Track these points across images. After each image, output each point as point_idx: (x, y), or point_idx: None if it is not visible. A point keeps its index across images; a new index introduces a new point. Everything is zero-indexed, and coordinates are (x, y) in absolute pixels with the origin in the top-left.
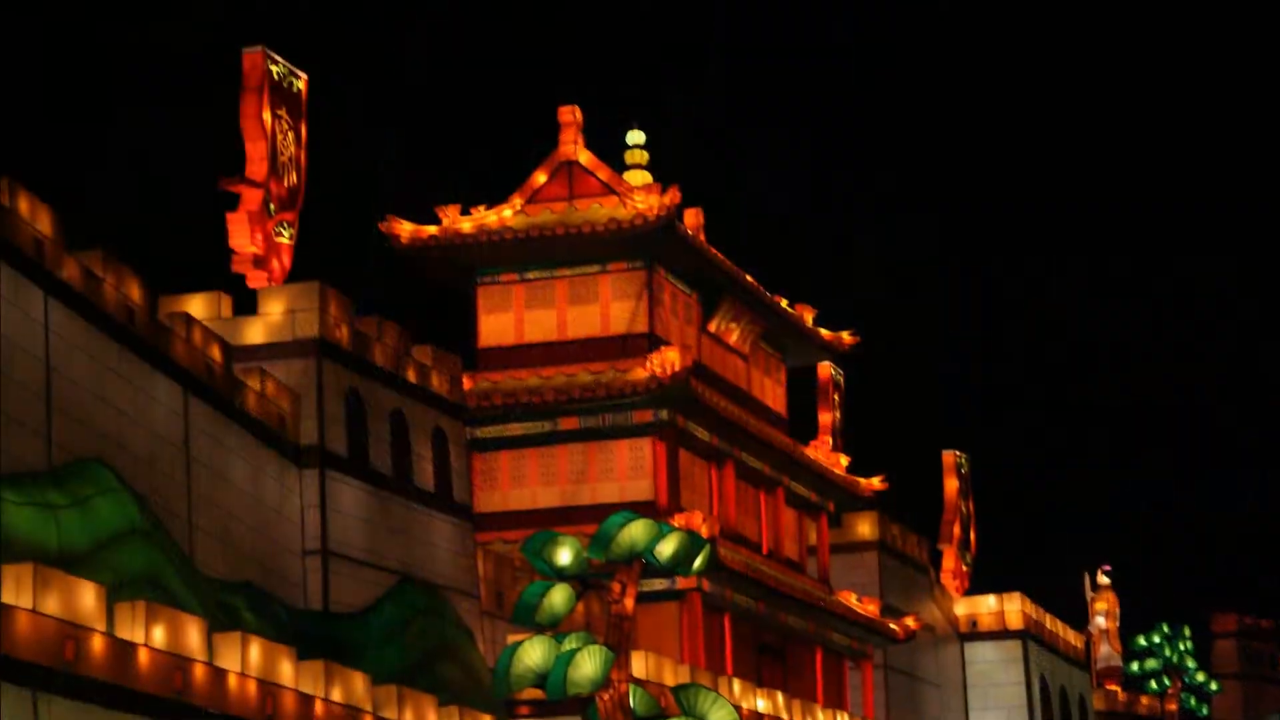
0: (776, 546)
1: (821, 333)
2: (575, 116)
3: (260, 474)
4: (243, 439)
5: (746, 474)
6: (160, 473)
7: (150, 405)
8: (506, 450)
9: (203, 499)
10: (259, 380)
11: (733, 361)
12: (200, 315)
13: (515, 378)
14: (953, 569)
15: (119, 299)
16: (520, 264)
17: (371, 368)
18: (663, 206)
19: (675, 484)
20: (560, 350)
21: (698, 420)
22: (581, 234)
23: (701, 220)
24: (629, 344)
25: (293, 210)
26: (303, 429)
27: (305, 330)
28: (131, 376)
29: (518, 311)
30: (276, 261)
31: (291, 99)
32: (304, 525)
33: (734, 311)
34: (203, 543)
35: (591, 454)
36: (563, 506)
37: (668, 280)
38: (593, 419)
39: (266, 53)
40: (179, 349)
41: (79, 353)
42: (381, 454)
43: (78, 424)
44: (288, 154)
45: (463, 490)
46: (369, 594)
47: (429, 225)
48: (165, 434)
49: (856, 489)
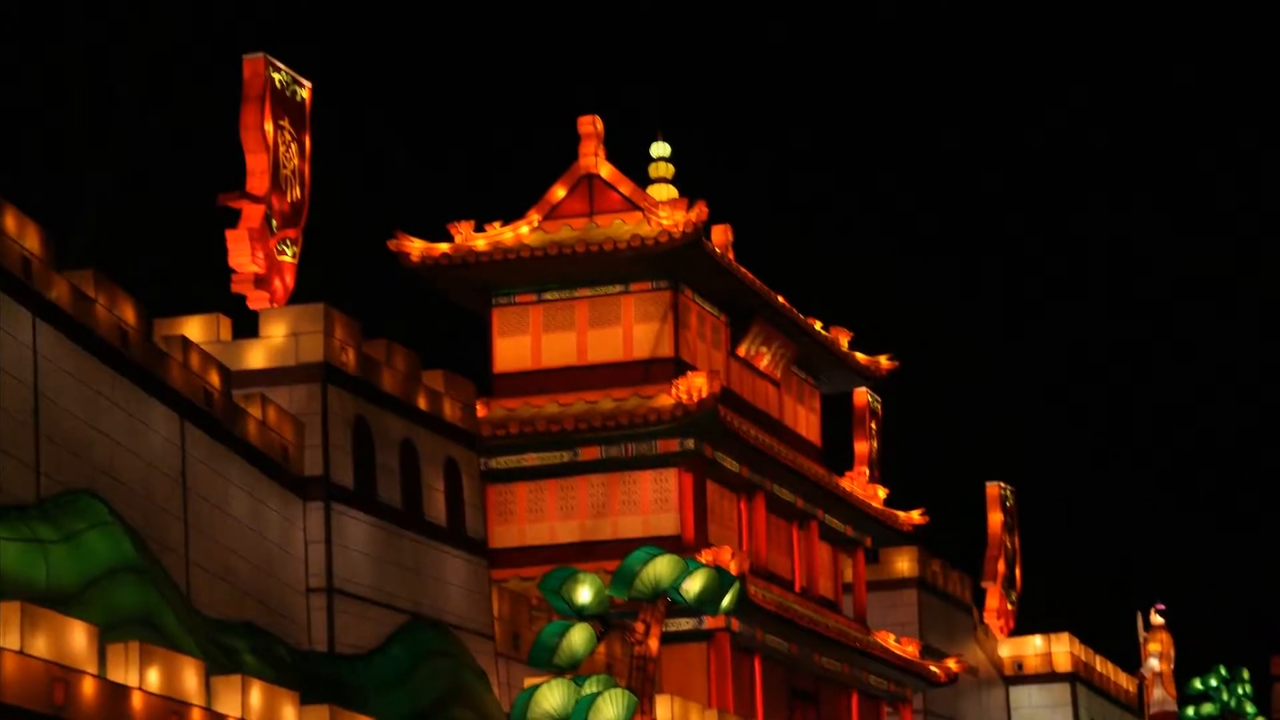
0: (810, 584)
1: (858, 357)
2: (596, 127)
3: (262, 507)
4: (243, 470)
5: (778, 507)
6: (155, 505)
7: (145, 434)
8: (523, 482)
9: (201, 533)
10: (260, 407)
11: (763, 387)
12: (198, 338)
13: (532, 405)
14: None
15: (112, 321)
16: (538, 284)
17: (380, 394)
18: (689, 223)
19: (702, 517)
20: (580, 375)
21: (726, 450)
22: (603, 252)
23: (730, 237)
24: (653, 369)
25: (296, 227)
26: (307, 459)
27: (309, 354)
28: (125, 403)
29: (535, 334)
30: (279, 281)
31: (295, 109)
32: (308, 561)
33: (765, 334)
34: (200, 580)
35: (613, 486)
36: (583, 541)
37: (694, 301)
38: (615, 449)
39: (268, 59)
40: (175, 374)
41: (69, 378)
42: (390, 486)
43: (68, 454)
44: (291, 167)
45: (476, 524)
46: (377, 634)
47: (441, 243)
48: (161, 464)
49: (895, 523)
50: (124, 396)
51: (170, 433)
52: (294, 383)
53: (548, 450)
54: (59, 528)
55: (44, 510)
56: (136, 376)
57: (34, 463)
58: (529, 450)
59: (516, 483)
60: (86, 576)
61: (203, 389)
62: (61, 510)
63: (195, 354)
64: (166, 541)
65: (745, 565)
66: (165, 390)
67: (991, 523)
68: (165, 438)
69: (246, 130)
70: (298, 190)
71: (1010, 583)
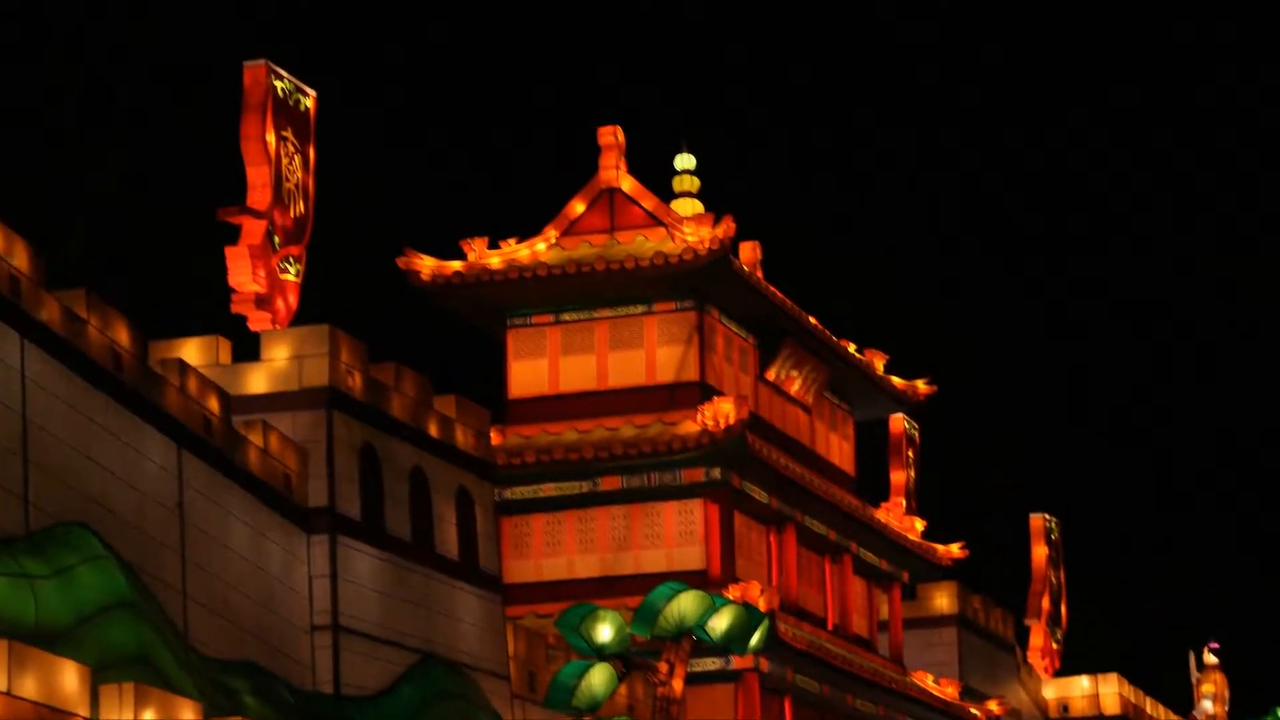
0: (843, 621)
1: (894, 381)
2: (617, 138)
3: (263, 539)
4: (243, 500)
5: (810, 540)
6: (151, 538)
7: (140, 463)
8: (540, 513)
9: (199, 568)
10: (262, 434)
11: (794, 414)
12: (196, 362)
13: (550, 432)
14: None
15: (105, 343)
16: (555, 304)
17: (388, 421)
18: (715, 239)
19: (729, 551)
20: (600, 401)
21: (755, 480)
22: (624, 270)
23: (759, 255)
24: (677, 394)
25: (300, 243)
26: (311, 489)
27: (314, 378)
28: (119, 430)
29: (553, 357)
30: (281, 301)
31: (298, 118)
32: (312, 597)
33: (796, 358)
34: (198, 617)
35: (635, 518)
36: (603, 576)
37: (721, 322)
38: (637, 478)
39: (270, 67)
40: (172, 399)
41: (59, 403)
42: (399, 517)
43: (58, 483)
44: (294, 180)
45: (490, 558)
46: (385, 674)
47: (453, 261)
48: (156, 495)
49: (933, 557)
50: (117, 423)
51: (166, 461)
52: (297, 408)
53: (566, 480)
54: (49, 562)
55: (33, 543)
56: (131, 402)
57: (22, 493)
58: (546, 480)
59: (533, 514)
60: (78, 613)
61: (201, 415)
62: (51, 543)
63: (193, 378)
64: (162, 576)
65: (775, 602)
66: (161, 416)
67: (1035, 557)
68: (161, 467)
69: (247, 141)
70: (301, 205)
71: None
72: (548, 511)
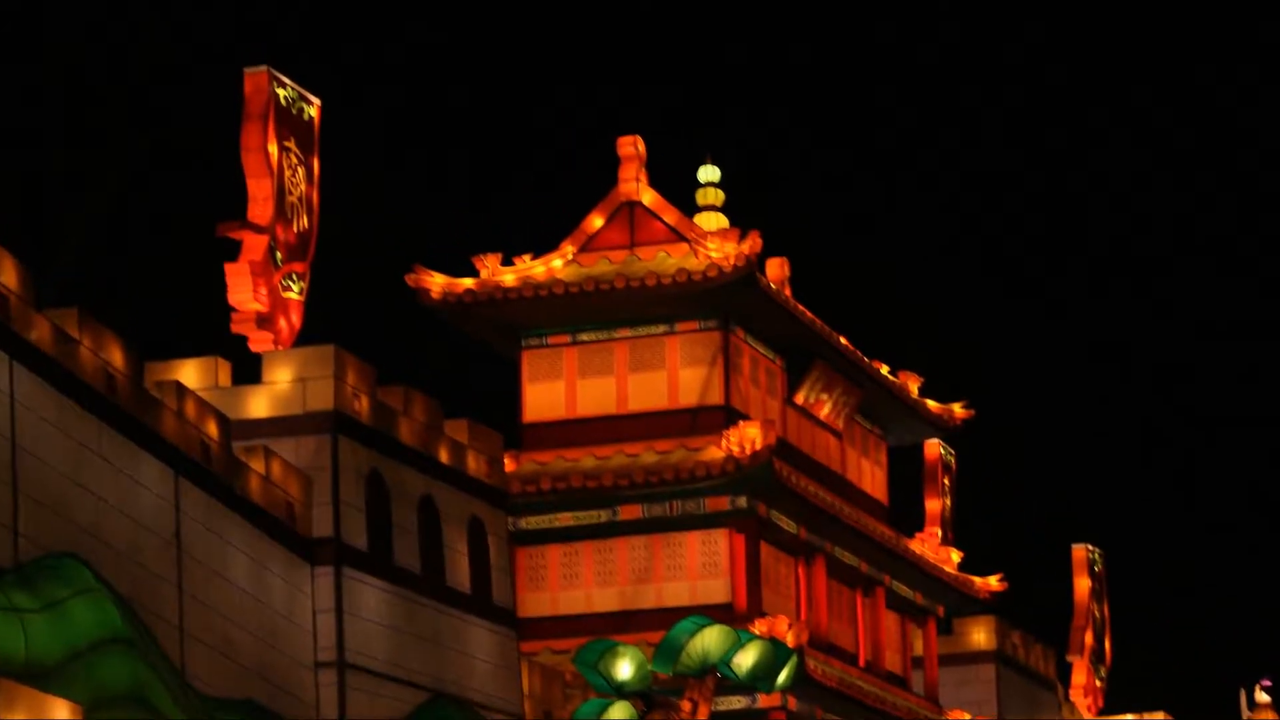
0: (876, 657)
1: (929, 405)
2: (638, 149)
3: (265, 572)
4: (244, 530)
5: (840, 572)
6: (146, 570)
7: (134, 490)
8: (556, 544)
9: (197, 601)
10: (263, 461)
11: (824, 439)
12: (194, 384)
13: (566, 458)
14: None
15: (98, 365)
16: (573, 324)
17: (397, 446)
18: (741, 255)
19: (756, 584)
20: (620, 426)
21: (783, 508)
22: (645, 288)
23: (787, 272)
24: (701, 418)
25: (303, 260)
26: (315, 519)
27: (318, 402)
28: (112, 456)
29: (569, 380)
30: (284, 320)
31: (302, 128)
32: (316, 632)
33: (826, 380)
34: (197, 653)
35: (657, 548)
36: (622, 610)
37: (747, 343)
38: (658, 507)
39: (272, 74)
40: (169, 424)
41: (50, 428)
42: (408, 548)
43: (48, 513)
44: (297, 193)
45: (504, 591)
46: (393, 713)
47: (465, 278)
48: (152, 525)
49: (970, 590)
50: (111, 449)
51: (163, 489)
52: (301, 434)
53: (583, 509)
54: (38, 595)
55: (22, 575)
56: (125, 427)
57: (10, 523)
58: (562, 509)
59: (549, 545)
60: (69, 649)
61: (199, 441)
62: (41, 575)
63: (191, 402)
64: (159, 610)
65: (803, 637)
66: (157, 442)
67: (1078, 590)
68: (157, 495)
69: (248, 152)
70: (305, 219)
71: (1099, 656)
72: (564, 542)
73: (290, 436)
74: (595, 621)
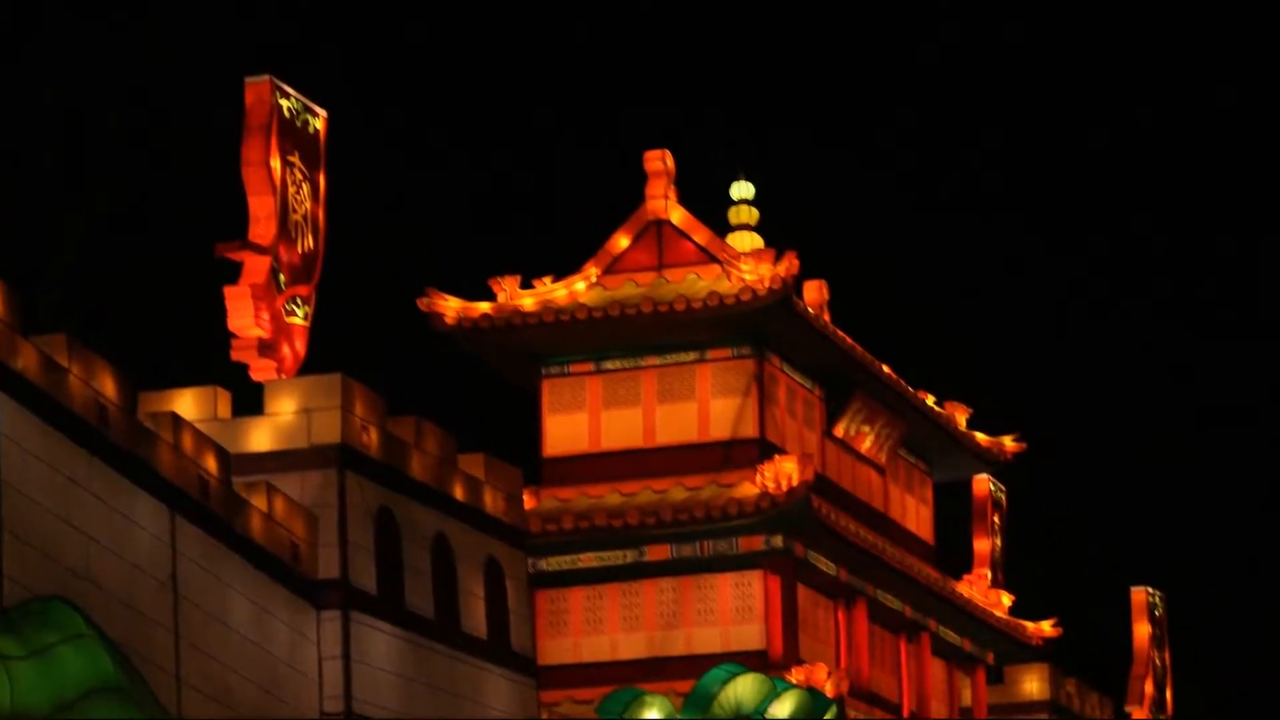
0: (920, 707)
1: (978, 438)
2: (666, 164)
3: (267, 616)
4: (245, 572)
5: (883, 616)
6: (140, 614)
7: (128, 529)
8: (579, 586)
9: (194, 648)
10: (265, 498)
11: (865, 474)
12: (191, 416)
13: (590, 495)
14: None
15: (89, 395)
16: (596, 351)
17: (408, 482)
18: (777, 278)
19: (792, 629)
20: (647, 460)
21: (821, 549)
22: (674, 312)
23: (826, 295)
24: (734, 452)
25: (308, 283)
26: (321, 559)
27: (324, 434)
28: (104, 493)
29: (593, 411)
30: (287, 347)
31: (307, 141)
32: (322, 681)
33: (867, 411)
34: (194, 702)
35: (686, 591)
36: (650, 658)
37: (783, 371)
38: (688, 547)
39: (275, 84)
40: (164, 458)
41: (37, 463)
42: (420, 591)
43: (35, 553)
44: (302, 211)
45: (523, 637)
46: None
47: (481, 302)
48: (147, 566)
49: (1022, 635)
50: (103, 485)
51: (158, 528)
52: (306, 468)
53: (608, 549)
54: (25, 641)
55: (8, 621)
56: (118, 461)
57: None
58: (586, 549)
59: (571, 588)
60: (58, 699)
61: (197, 476)
62: (28, 620)
63: (188, 434)
64: (153, 657)
65: (843, 686)
66: (152, 477)
67: (1137, 635)
68: (152, 534)
69: (249, 167)
70: (310, 239)
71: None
72: (588, 584)
73: (294, 471)
74: (621, 670)
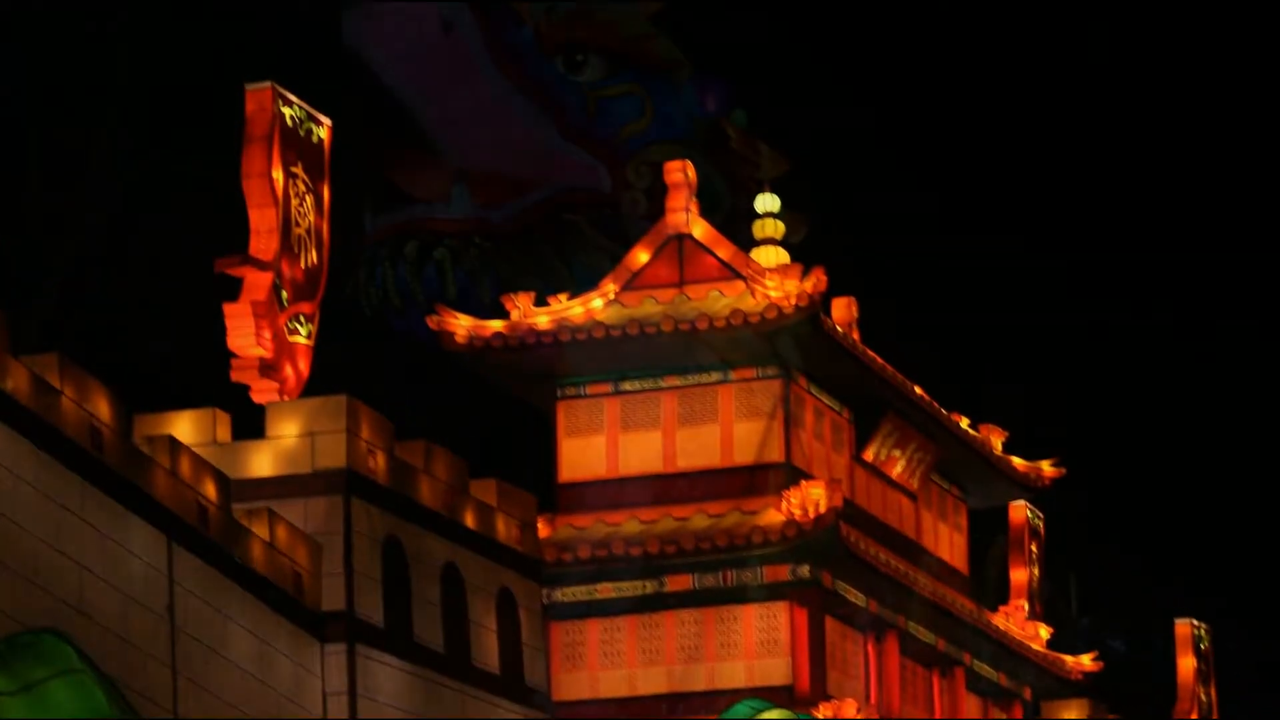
0: None
1: (1014, 462)
2: (687, 175)
3: (269, 649)
4: (245, 603)
5: (915, 650)
6: (136, 648)
7: (123, 558)
8: (596, 619)
9: (192, 683)
10: (267, 526)
11: (896, 500)
12: (189, 439)
13: (607, 523)
14: None
15: (82, 418)
16: (614, 371)
17: (417, 509)
18: (804, 295)
19: (820, 663)
20: (667, 486)
21: (850, 579)
22: (696, 331)
23: (855, 313)
24: (759, 477)
25: (312, 300)
26: (325, 590)
27: (328, 459)
28: (98, 520)
29: (611, 434)
30: (290, 368)
31: (311, 151)
32: (326, 717)
33: (898, 435)
34: None
35: (709, 624)
36: (670, 693)
37: (810, 393)
38: (710, 577)
39: (277, 91)
40: (161, 484)
41: (28, 489)
42: (429, 623)
43: (25, 583)
44: (305, 224)
45: (537, 672)
46: None
47: (493, 320)
48: (142, 597)
49: (1061, 669)
50: (96, 512)
51: (154, 557)
52: (309, 495)
53: (626, 579)
54: (15, 676)
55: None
56: (112, 487)
57: None
58: (603, 579)
59: (587, 620)
60: None
61: (195, 502)
62: (18, 654)
63: (186, 459)
64: (149, 693)
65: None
66: (148, 504)
67: (1182, 669)
68: (148, 563)
69: (250, 179)
70: (314, 254)
71: None
72: (605, 616)
73: (297, 498)
74: (640, 705)
